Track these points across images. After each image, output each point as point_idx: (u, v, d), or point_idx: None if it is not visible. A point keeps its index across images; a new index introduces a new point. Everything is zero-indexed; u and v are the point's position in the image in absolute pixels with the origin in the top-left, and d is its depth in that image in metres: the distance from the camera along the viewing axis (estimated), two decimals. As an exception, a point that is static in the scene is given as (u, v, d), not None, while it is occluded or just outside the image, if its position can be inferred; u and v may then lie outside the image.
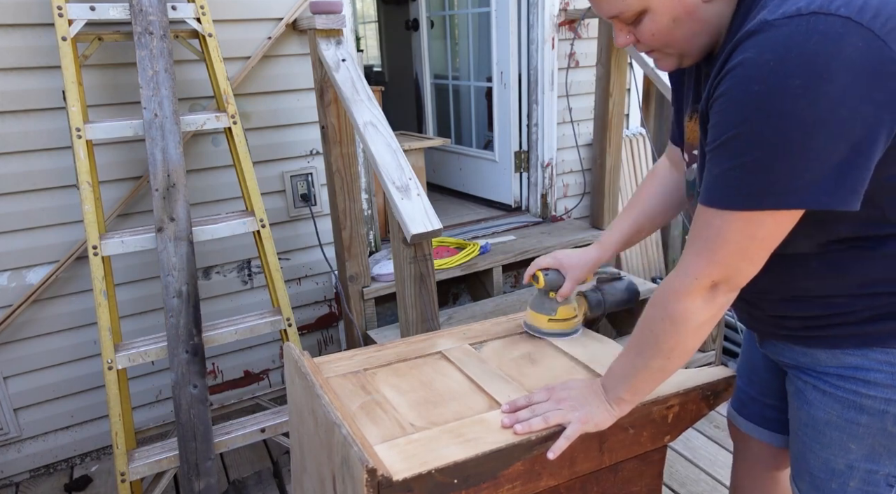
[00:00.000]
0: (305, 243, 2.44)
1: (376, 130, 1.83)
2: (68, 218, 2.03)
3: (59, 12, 1.70)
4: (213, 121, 1.89)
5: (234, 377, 2.45)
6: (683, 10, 0.82)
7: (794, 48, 0.69)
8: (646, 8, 0.83)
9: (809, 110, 0.69)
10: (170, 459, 1.82)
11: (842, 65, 0.68)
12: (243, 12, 2.14)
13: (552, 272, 1.26)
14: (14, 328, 2.04)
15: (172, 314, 1.77)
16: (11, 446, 2.15)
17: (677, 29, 0.84)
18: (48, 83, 1.92)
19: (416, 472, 0.86)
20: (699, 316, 0.85)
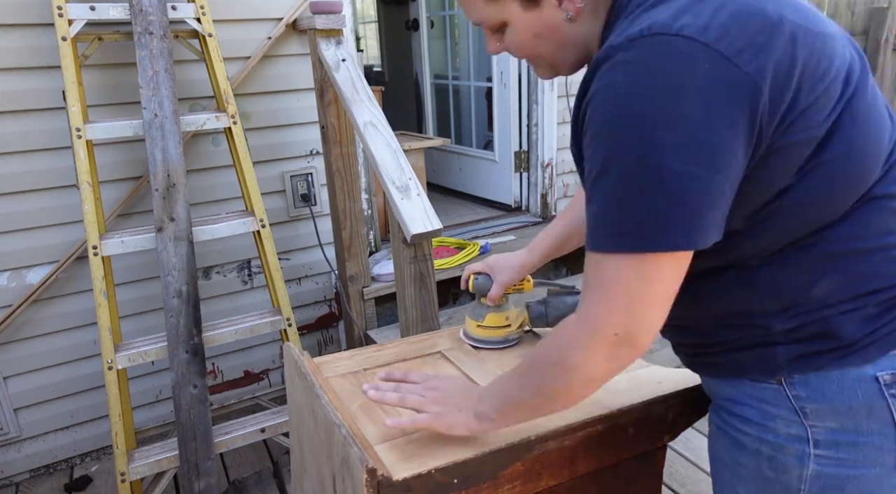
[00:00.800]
0: (305, 243, 2.44)
1: (376, 130, 1.83)
2: (68, 218, 2.03)
3: (59, 12, 1.71)
4: (213, 121, 1.89)
5: (234, 377, 2.45)
6: (545, 27, 0.80)
7: (642, 70, 0.66)
8: (505, 21, 0.82)
9: (669, 135, 0.65)
10: (170, 459, 1.82)
11: (693, 86, 0.65)
12: (243, 12, 2.14)
13: (482, 276, 1.21)
14: (14, 328, 2.04)
15: (172, 314, 1.77)
16: (11, 446, 2.15)
17: (540, 44, 0.82)
18: (48, 83, 1.92)
19: (415, 472, 0.86)
20: (594, 372, 0.76)
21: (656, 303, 0.71)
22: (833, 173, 0.72)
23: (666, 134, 0.65)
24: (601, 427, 0.99)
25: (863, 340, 0.74)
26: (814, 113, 0.69)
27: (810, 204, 0.72)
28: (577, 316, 0.76)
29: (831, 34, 0.73)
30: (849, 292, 0.75)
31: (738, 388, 0.83)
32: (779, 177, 0.71)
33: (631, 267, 0.69)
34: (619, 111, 0.67)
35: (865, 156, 0.73)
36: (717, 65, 0.65)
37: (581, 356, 0.75)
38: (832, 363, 0.75)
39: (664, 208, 0.66)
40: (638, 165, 0.66)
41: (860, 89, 0.73)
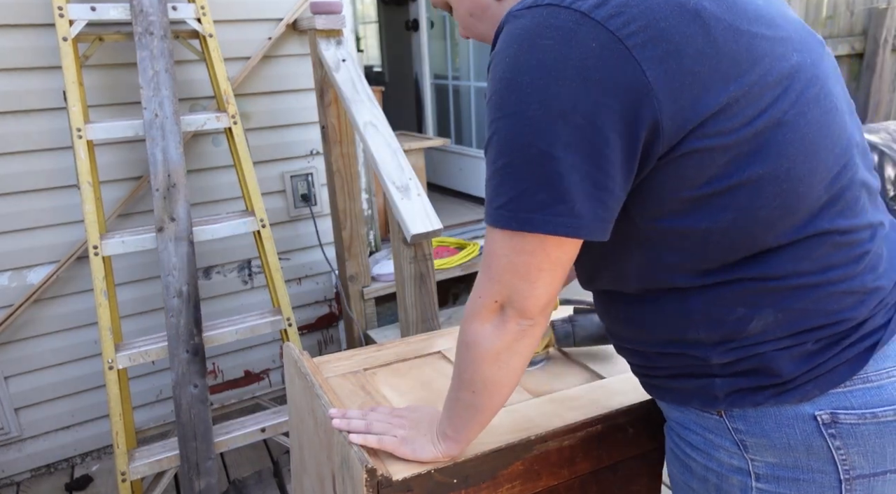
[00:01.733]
0: (305, 243, 2.45)
1: (376, 130, 1.83)
2: (69, 218, 2.03)
3: (59, 13, 1.71)
4: (213, 121, 1.89)
5: (234, 377, 2.46)
6: (476, 6, 0.81)
7: (527, 41, 0.63)
8: (448, 1, 0.84)
9: (540, 111, 0.62)
10: (170, 459, 1.82)
11: (572, 66, 0.61)
12: (243, 13, 2.14)
13: None
14: (15, 328, 2.04)
15: (173, 314, 1.77)
16: (12, 445, 2.15)
17: (476, 24, 0.83)
18: (49, 83, 1.92)
19: (415, 472, 0.86)
20: (490, 343, 0.74)
21: (532, 276, 0.69)
22: (758, 193, 0.66)
23: (539, 113, 0.63)
24: (601, 427, 1.00)
25: (801, 377, 0.71)
26: (727, 116, 0.63)
27: (732, 226, 0.67)
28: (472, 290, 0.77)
29: (767, 36, 0.66)
30: (787, 328, 0.71)
31: (685, 414, 0.81)
32: (683, 186, 0.66)
33: (504, 241, 0.69)
34: (503, 83, 0.65)
35: (799, 179, 0.66)
36: (605, 45, 0.61)
37: (473, 329, 0.75)
38: (769, 399, 0.72)
39: (531, 189, 0.65)
40: (512, 140, 0.65)
41: (802, 103, 0.67)
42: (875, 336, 0.71)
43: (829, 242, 0.69)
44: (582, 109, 0.62)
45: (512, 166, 0.65)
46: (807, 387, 0.70)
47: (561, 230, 0.66)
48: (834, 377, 0.70)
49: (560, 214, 0.65)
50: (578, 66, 0.61)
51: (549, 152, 0.63)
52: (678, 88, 0.62)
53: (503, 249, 0.69)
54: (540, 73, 0.62)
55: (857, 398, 0.70)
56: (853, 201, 0.71)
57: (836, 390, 0.70)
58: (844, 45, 3.94)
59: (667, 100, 0.62)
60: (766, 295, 0.70)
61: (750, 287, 0.70)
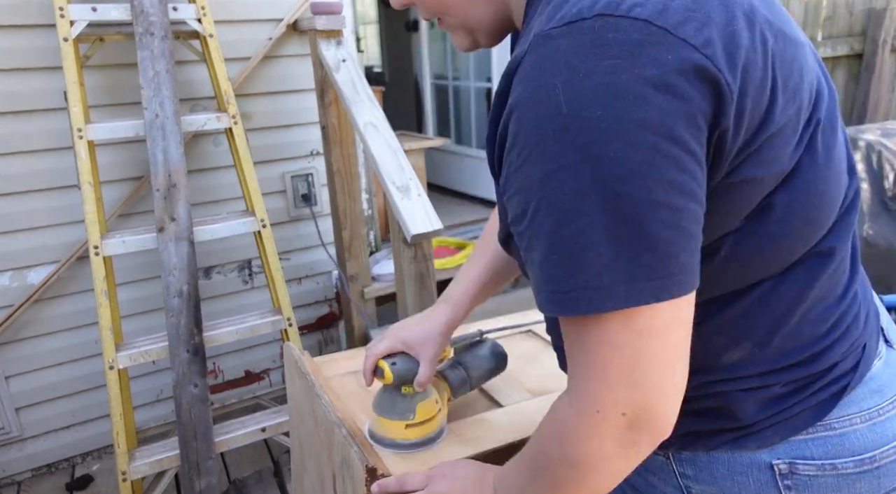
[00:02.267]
0: (306, 243, 2.45)
1: (377, 131, 1.83)
2: (70, 218, 2.04)
3: (60, 13, 1.71)
4: (213, 121, 1.89)
5: (234, 376, 2.46)
6: None
7: (582, 64, 0.50)
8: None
9: (626, 151, 0.49)
10: (171, 458, 1.82)
11: (651, 85, 0.49)
12: (244, 13, 2.15)
13: (399, 358, 0.92)
14: (16, 327, 2.05)
15: (173, 314, 1.77)
16: (13, 445, 2.15)
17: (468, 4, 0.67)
18: (50, 84, 1.92)
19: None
20: (614, 465, 0.58)
21: (664, 362, 0.54)
22: (787, 220, 0.58)
23: (624, 152, 0.49)
24: (600, 426, 1.00)
25: (762, 422, 0.65)
26: (781, 140, 0.55)
27: (752, 256, 0.60)
28: (570, 397, 0.59)
29: (801, 42, 0.59)
30: (760, 365, 0.64)
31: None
32: (726, 220, 0.57)
33: (619, 325, 0.52)
34: (554, 123, 0.50)
35: (824, 204, 0.60)
36: (682, 55, 0.50)
37: (588, 450, 0.57)
38: (725, 444, 0.66)
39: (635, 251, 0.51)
40: (593, 193, 0.50)
41: (829, 119, 0.60)
42: (844, 380, 0.66)
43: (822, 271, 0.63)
44: (677, 136, 0.50)
45: (600, 227, 0.50)
46: (766, 433, 0.65)
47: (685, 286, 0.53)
48: (797, 423, 0.65)
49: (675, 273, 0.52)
50: (659, 85, 0.49)
51: (651, 198, 0.50)
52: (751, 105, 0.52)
53: (620, 338, 0.52)
54: (614, 102, 0.49)
55: (818, 447, 0.65)
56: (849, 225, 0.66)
57: (796, 437, 0.65)
58: (843, 45, 3.95)
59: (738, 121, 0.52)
60: (749, 325, 0.63)
61: (734, 316, 0.63)
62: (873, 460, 0.65)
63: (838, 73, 4.05)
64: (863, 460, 0.65)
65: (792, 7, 3.74)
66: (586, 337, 0.54)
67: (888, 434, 0.66)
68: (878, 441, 0.66)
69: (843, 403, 0.66)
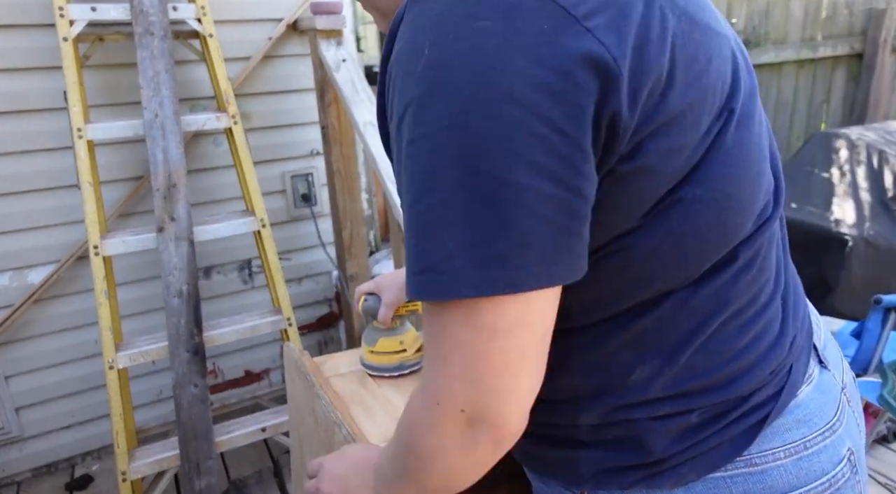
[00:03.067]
0: (306, 243, 2.45)
1: (377, 130, 1.83)
2: (69, 218, 2.04)
3: (60, 13, 1.71)
4: (213, 121, 1.89)
5: (234, 376, 2.46)
6: None
7: (452, 25, 0.46)
8: None
9: (487, 122, 0.44)
10: (171, 458, 1.82)
11: (523, 53, 0.44)
12: (244, 13, 2.14)
13: (371, 297, 1.07)
14: (16, 327, 2.05)
15: (173, 314, 1.77)
16: (13, 445, 2.15)
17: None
18: (49, 83, 1.92)
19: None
20: (450, 462, 0.54)
21: (505, 366, 0.48)
22: (690, 220, 0.53)
23: (485, 124, 0.44)
24: (600, 426, 1.00)
25: (676, 457, 0.59)
26: (678, 128, 0.50)
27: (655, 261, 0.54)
28: (420, 385, 0.55)
29: (716, 31, 0.55)
30: (671, 387, 0.58)
31: (548, 488, 0.68)
32: (620, 217, 0.52)
33: (462, 318, 0.48)
34: (423, 86, 0.46)
35: (734, 206, 0.55)
36: (558, 26, 0.45)
37: (429, 442, 0.54)
38: (639, 483, 0.60)
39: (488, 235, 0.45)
40: (449, 167, 0.45)
41: (745, 113, 0.56)
42: (764, 408, 0.60)
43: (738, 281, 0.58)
44: (546, 113, 0.45)
45: (452, 205, 0.46)
46: (681, 470, 0.59)
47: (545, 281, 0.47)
48: (714, 458, 0.59)
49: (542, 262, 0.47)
50: (532, 55, 0.44)
51: (508, 178, 0.45)
52: (644, 84, 0.47)
53: (460, 332, 0.48)
54: (480, 68, 0.44)
55: (739, 485, 0.59)
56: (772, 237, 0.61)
57: (714, 474, 0.59)
58: (844, 45, 3.95)
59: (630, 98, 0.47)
60: (657, 338, 0.58)
61: (641, 328, 0.57)
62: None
63: (838, 72, 4.05)
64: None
65: (793, 7, 3.74)
66: (433, 326, 0.50)
67: (816, 469, 0.60)
68: (805, 477, 0.60)
69: (765, 435, 0.60)
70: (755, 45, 3.63)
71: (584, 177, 0.47)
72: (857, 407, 0.69)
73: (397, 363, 1.11)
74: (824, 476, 0.61)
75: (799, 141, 4.01)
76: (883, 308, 1.81)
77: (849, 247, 2.59)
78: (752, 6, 3.62)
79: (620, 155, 0.48)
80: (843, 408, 0.65)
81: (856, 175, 2.72)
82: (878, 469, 2.05)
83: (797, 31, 3.80)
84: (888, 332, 1.81)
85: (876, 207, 2.64)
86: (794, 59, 3.81)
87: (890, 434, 2.17)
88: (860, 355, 1.83)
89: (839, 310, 2.54)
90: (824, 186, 2.78)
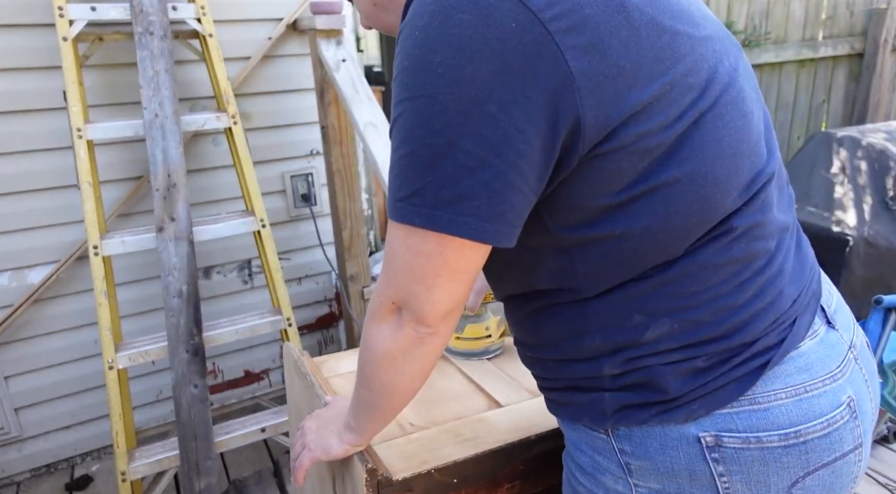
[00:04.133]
0: (306, 243, 2.45)
1: (377, 130, 1.83)
2: (69, 218, 2.04)
3: (59, 13, 1.71)
4: (213, 121, 1.89)
5: (234, 377, 2.46)
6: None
7: (440, 13, 0.57)
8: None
9: (451, 96, 0.56)
10: (170, 458, 1.82)
11: (489, 46, 0.55)
12: (244, 13, 2.14)
13: None
14: (15, 328, 2.04)
15: (173, 314, 1.77)
16: (12, 445, 2.15)
17: (381, 13, 0.76)
18: (49, 83, 1.92)
19: (415, 471, 0.87)
20: (385, 346, 0.69)
21: (429, 281, 0.63)
22: (675, 199, 0.62)
23: (450, 98, 0.56)
24: (600, 426, 1.00)
25: (688, 395, 0.67)
26: (649, 116, 0.59)
27: (646, 233, 0.63)
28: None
29: (690, 34, 0.63)
30: (681, 339, 0.67)
31: (578, 434, 0.76)
32: (601, 192, 0.62)
33: (403, 239, 0.63)
34: (410, 59, 0.58)
35: (716, 185, 0.64)
36: (525, 28, 0.55)
37: (371, 330, 0.70)
38: (654, 418, 0.68)
39: (435, 183, 0.59)
40: (418, 126, 0.58)
41: (721, 105, 0.64)
42: (766, 355, 0.67)
43: (732, 248, 0.66)
44: (498, 97, 0.56)
45: (416, 156, 0.59)
46: (692, 406, 0.67)
47: (463, 231, 0.60)
48: (721, 396, 0.67)
49: (463, 213, 0.59)
50: (496, 49, 0.55)
51: (458, 143, 0.57)
52: (602, 82, 0.57)
53: (401, 247, 0.63)
54: (453, 52, 0.56)
55: (743, 420, 0.67)
56: (765, 208, 0.68)
57: (721, 410, 0.67)
58: (844, 45, 3.95)
59: (590, 95, 0.57)
60: (665, 301, 0.66)
61: (649, 293, 0.66)
62: (799, 434, 0.66)
63: (839, 72, 4.05)
64: (788, 434, 0.66)
65: (793, 7, 3.74)
66: (388, 241, 0.66)
67: (815, 410, 0.67)
68: (805, 416, 0.67)
69: (768, 378, 0.67)
70: (755, 45, 3.63)
71: (521, 155, 0.58)
72: (866, 365, 0.75)
73: (484, 347, 1.18)
74: (823, 416, 0.67)
75: (799, 141, 4.01)
76: (883, 308, 1.80)
77: (849, 247, 2.59)
78: (753, 6, 3.61)
79: (590, 146, 0.59)
80: (847, 363, 0.72)
81: (856, 175, 2.72)
82: (878, 469, 2.04)
83: (797, 31, 3.80)
84: (888, 332, 1.81)
85: (876, 207, 2.64)
86: (795, 59, 3.81)
87: (890, 434, 2.17)
88: (861, 355, 1.82)
89: (839, 310, 2.53)
90: (824, 186, 2.78)
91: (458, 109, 0.56)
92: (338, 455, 0.86)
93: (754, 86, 0.72)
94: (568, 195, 0.63)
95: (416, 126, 0.59)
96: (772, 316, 0.68)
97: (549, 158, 0.59)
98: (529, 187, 0.60)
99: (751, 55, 3.58)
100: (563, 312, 0.71)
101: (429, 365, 0.72)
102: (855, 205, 2.67)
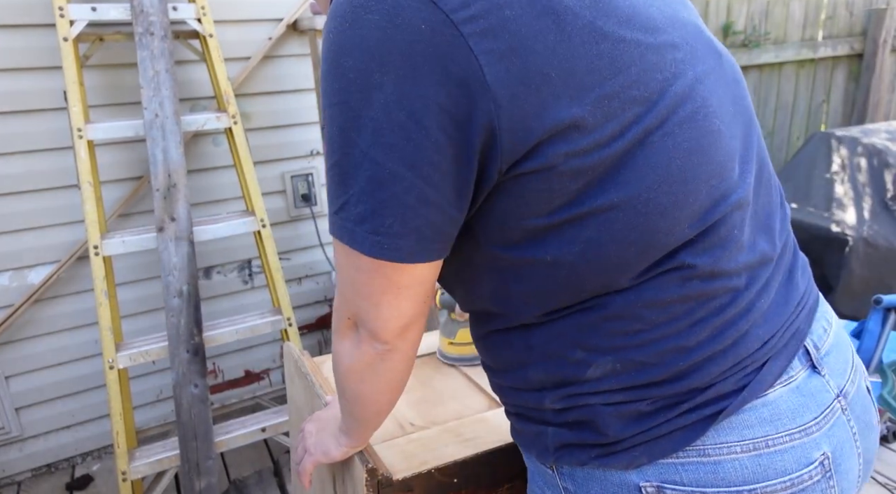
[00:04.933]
0: (306, 243, 2.45)
1: (376, 131, 1.83)
2: (69, 218, 2.04)
3: (60, 13, 1.71)
4: (213, 121, 1.89)
5: (234, 376, 2.46)
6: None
7: (350, 14, 0.53)
8: None
9: (361, 104, 0.53)
10: (171, 458, 1.82)
11: (398, 49, 0.51)
12: (244, 13, 2.14)
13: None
14: (16, 327, 2.05)
15: (173, 314, 1.77)
16: (13, 445, 2.15)
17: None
18: (49, 83, 1.92)
19: (415, 471, 0.87)
20: (349, 361, 0.68)
21: (375, 298, 0.60)
22: (609, 226, 0.56)
23: (360, 105, 0.53)
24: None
25: (629, 440, 0.62)
26: (581, 133, 0.53)
27: (580, 261, 0.58)
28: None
29: (639, 41, 0.56)
30: (624, 380, 0.61)
31: (531, 463, 0.74)
32: (529, 213, 0.57)
33: (342, 254, 0.60)
34: (326, 64, 0.55)
35: (660, 213, 0.57)
36: (436, 30, 0.51)
37: (336, 344, 0.70)
38: (594, 460, 0.64)
39: (354, 197, 0.56)
40: (338, 135, 0.55)
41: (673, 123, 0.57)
42: (720, 403, 0.60)
43: (684, 285, 0.59)
44: (407, 105, 0.51)
45: (339, 167, 0.56)
46: (634, 452, 0.62)
47: (376, 251, 0.56)
48: (665, 445, 0.61)
49: (376, 232, 0.56)
50: (405, 52, 0.51)
51: (370, 154, 0.53)
52: (522, 91, 0.52)
53: (344, 263, 0.61)
54: (362, 55, 0.52)
55: (689, 473, 0.61)
56: (728, 241, 0.60)
57: (666, 460, 0.61)
58: (844, 45, 3.95)
59: (507, 105, 0.52)
60: (606, 338, 0.61)
61: (590, 328, 0.61)
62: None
63: (838, 73, 4.05)
64: (739, 492, 0.59)
65: (793, 7, 3.74)
66: (335, 255, 0.63)
67: (776, 467, 0.60)
68: (762, 474, 0.60)
69: (722, 428, 0.61)
70: (755, 45, 3.63)
71: (435, 167, 0.54)
72: (859, 416, 0.68)
73: (475, 353, 1.16)
74: (785, 475, 0.60)
75: (799, 141, 4.01)
76: (883, 308, 1.81)
77: (849, 246, 2.59)
78: (752, 6, 3.61)
79: (512, 161, 0.54)
80: (830, 414, 0.64)
81: (856, 175, 2.72)
82: (879, 469, 2.05)
83: (797, 31, 3.80)
84: (888, 332, 1.81)
85: (876, 207, 2.64)
86: (795, 59, 3.81)
87: (890, 434, 2.17)
88: (860, 355, 1.82)
89: (839, 310, 2.54)
90: (824, 186, 2.78)
91: (370, 117, 0.53)
92: (337, 458, 0.86)
93: (738, 98, 0.65)
94: (496, 213, 0.58)
95: (336, 134, 0.56)
96: (731, 360, 0.61)
97: (467, 171, 0.55)
98: (447, 201, 0.56)
99: (750, 55, 3.58)
100: (510, 339, 0.67)
101: (396, 379, 0.70)
102: (854, 205, 2.68)
